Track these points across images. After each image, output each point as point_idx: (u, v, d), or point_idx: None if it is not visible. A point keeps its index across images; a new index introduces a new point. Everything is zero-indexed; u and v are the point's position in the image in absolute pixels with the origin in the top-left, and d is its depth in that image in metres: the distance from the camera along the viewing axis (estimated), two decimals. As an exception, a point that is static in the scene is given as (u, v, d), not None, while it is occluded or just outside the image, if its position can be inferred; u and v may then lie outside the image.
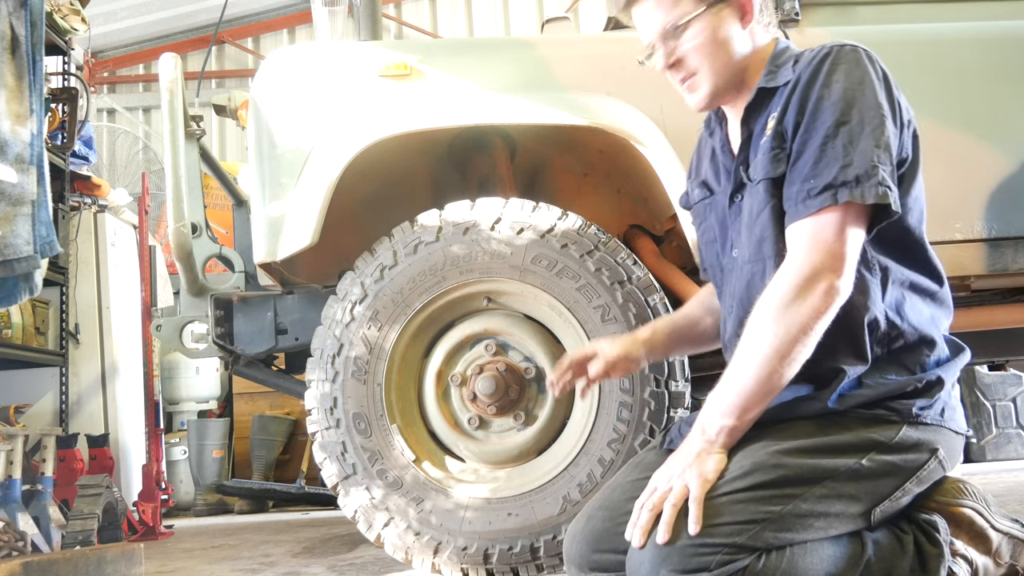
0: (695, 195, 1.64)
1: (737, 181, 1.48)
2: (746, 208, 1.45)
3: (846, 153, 1.30)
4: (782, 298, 1.29)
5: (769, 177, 1.38)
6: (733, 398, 1.30)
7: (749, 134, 1.46)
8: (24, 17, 2.46)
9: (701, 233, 1.63)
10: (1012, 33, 2.36)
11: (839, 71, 1.35)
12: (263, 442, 5.89)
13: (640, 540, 1.24)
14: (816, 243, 1.30)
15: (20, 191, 2.42)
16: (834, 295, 1.28)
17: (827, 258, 1.29)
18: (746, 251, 1.44)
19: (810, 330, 1.28)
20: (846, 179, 1.29)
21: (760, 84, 1.44)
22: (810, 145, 1.33)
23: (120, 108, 8.95)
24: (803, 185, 1.33)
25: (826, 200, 1.30)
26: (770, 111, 1.43)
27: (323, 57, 2.28)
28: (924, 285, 1.41)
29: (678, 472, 1.28)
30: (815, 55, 1.39)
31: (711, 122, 1.61)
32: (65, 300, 4.43)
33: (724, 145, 1.55)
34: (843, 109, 1.32)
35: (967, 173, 2.24)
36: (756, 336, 1.30)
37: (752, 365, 1.29)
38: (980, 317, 2.50)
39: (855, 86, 1.33)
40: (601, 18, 3.15)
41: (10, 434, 3.12)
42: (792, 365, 1.28)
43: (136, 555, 2.49)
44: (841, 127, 1.32)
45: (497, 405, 2.05)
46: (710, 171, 1.59)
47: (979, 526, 1.39)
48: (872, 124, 1.32)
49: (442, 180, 2.60)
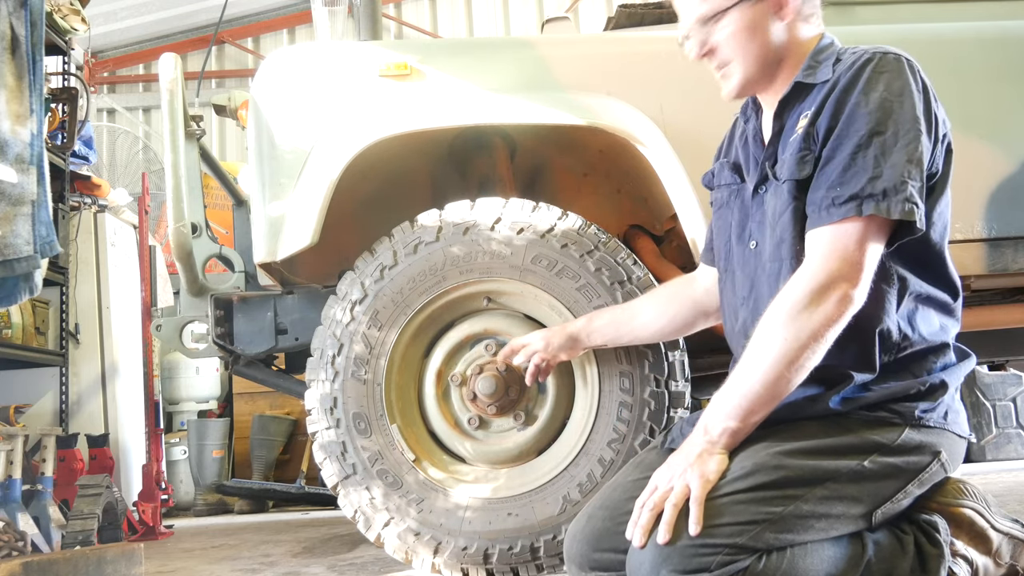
0: (723, 177, 1.62)
1: (762, 174, 1.48)
2: (769, 205, 1.44)
3: (876, 164, 1.29)
4: (795, 303, 1.28)
5: (794, 179, 1.38)
6: (738, 400, 1.30)
7: (781, 128, 1.46)
8: (24, 17, 2.46)
9: (719, 216, 1.62)
10: (1012, 33, 2.36)
11: (880, 80, 1.33)
12: (263, 442, 5.89)
13: (641, 540, 1.24)
14: (835, 251, 1.29)
15: (20, 191, 2.42)
16: (847, 304, 1.27)
17: (844, 267, 1.28)
18: (767, 248, 1.44)
19: (821, 337, 1.27)
20: (873, 191, 1.28)
21: (797, 79, 1.43)
22: (841, 152, 1.32)
23: (120, 108, 8.95)
24: (829, 192, 1.32)
25: (850, 210, 1.29)
26: (803, 107, 1.41)
27: (323, 57, 2.28)
28: (939, 298, 1.41)
29: (679, 472, 1.28)
30: (857, 59, 1.36)
31: (747, 109, 1.60)
32: (65, 300, 4.43)
33: (757, 134, 1.54)
34: (879, 119, 1.31)
35: (967, 173, 2.23)
36: (766, 339, 1.29)
37: (760, 369, 1.28)
38: (980, 317, 2.49)
39: (894, 97, 1.31)
40: (601, 18, 3.14)
41: (10, 434, 3.12)
42: (800, 371, 1.28)
43: (136, 555, 2.49)
44: (875, 137, 1.30)
45: (497, 405, 2.05)
46: (742, 156, 1.58)
47: (979, 526, 1.39)
48: (907, 138, 1.30)
49: (442, 180, 2.59)
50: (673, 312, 1.81)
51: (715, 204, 1.66)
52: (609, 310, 1.92)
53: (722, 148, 1.71)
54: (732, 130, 1.70)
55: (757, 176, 1.49)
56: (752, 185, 1.50)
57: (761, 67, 1.45)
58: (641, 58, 2.24)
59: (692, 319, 1.81)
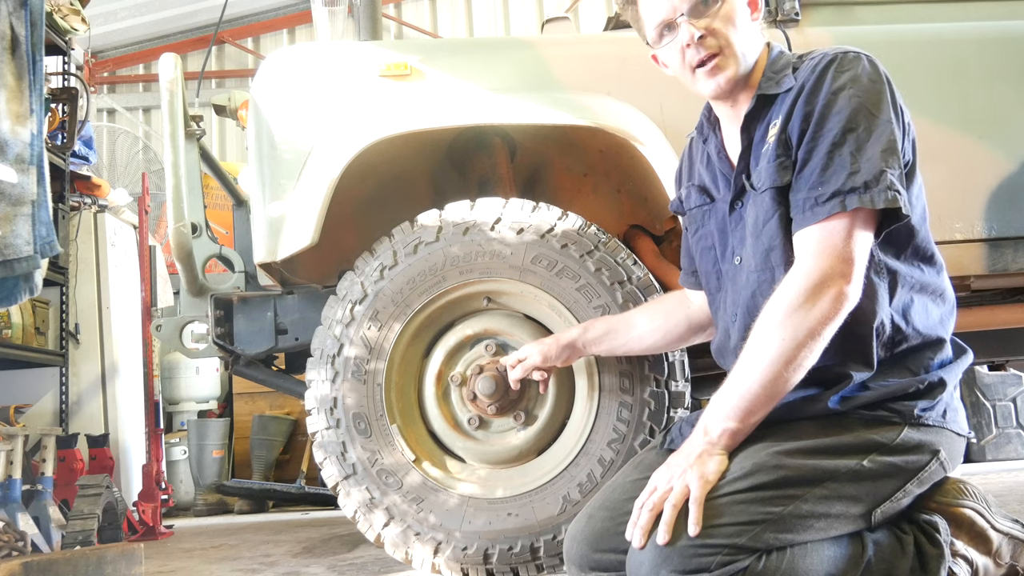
0: (691, 200, 1.63)
1: (738, 188, 1.48)
2: (750, 216, 1.44)
3: (854, 160, 1.30)
4: (790, 303, 1.28)
5: (775, 186, 1.38)
6: (737, 401, 1.30)
7: (749, 141, 1.46)
8: (24, 17, 2.46)
9: (697, 239, 1.62)
10: (1012, 33, 2.36)
11: (843, 77, 1.34)
12: (263, 442, 5.89)
13: (640, 540, 1.24)
14: (825, 249, 1.29)
15: (20, 191, 2.42)
16: (843, 301, 1.27)
17: (837, 263, 1.28)
18: (752, 260, 1.44)
19: (818, 336, 1.27)
20: (854, 185, 1.29)
21: (760, 91, 1.44)
22: (817, 152, 1.33)
23: (120, 108, 8.95)
24: (810, 192, 1.32)
25: (835, 207, 1.29)
26: (770, 118, 1.42)
27: (323, 57, 2.28)
28: (931, 284, 1.41)
29: (679, 472, 1.28)
30: (818, 62, 1.38)
31: (703, 128, 1.60)
32: (65, 300, 4.43)
33: (720, 151, 1.54)
34: (849, 116, 1.32)
35: (967, 173, 2.24)
36: (762, 340, 1.29)
37: (757, 369, 1.28)
38: (980, 317, 2.49)
39: (861, 93, 1.33)
40: (601, 18, 3.14)
41: (10, 434, 3.12)
42: (798, 371, 1.28)
43: (136, 555, 2.49)
44: (848, 133, 1.31)
45: (497, 405, 2.05)
46: (707, 177, 1.58)
47: (979, 526, 1.39)
48: (879, 130, 1.31)
49: (442, 180, 2.59)
50: (668, 328, 1.82)
51: (690, 229, 1.66)
52: (605, 320, 1.92)
53: (682, 172, 1.71)
54: (690, 153, 1.69)
55: (732, 192, 1.49)
56: (728, 201, 1.50)
57: (747, 62, 1.44)
58: (641, 58, 2.23)
59: (687, 335, 1.83)
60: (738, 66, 1.43)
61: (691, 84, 1.47)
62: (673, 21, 1.43)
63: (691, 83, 1.47)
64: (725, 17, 1.42)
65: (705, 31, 1.41)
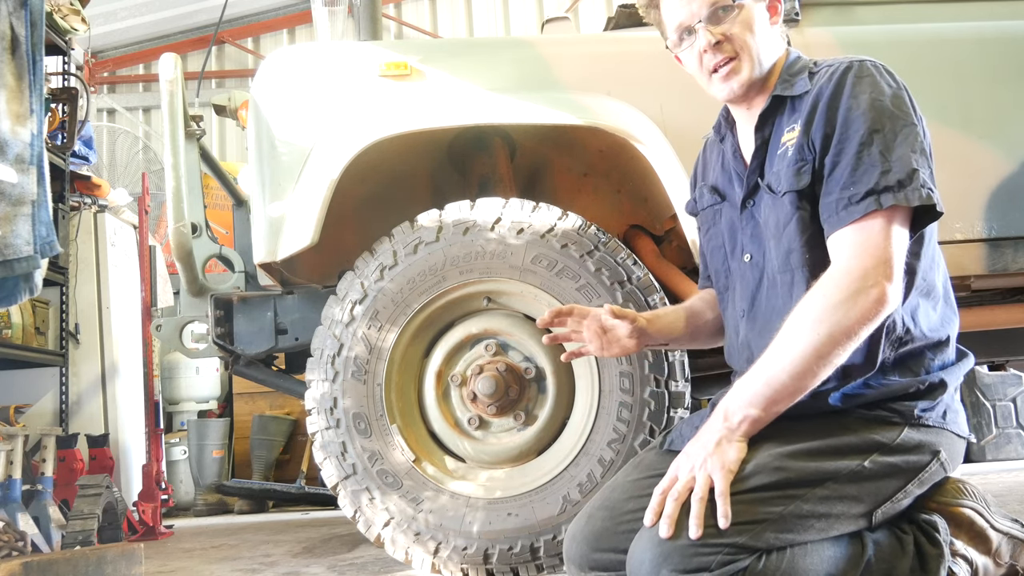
0: (704, 200, 1.63)
1: (750, 186, 1.48)
2: (771, 219, 1.44)
3: (884, 159, 1.30)
4: (830, 299, 1.27)
5: (794, 189, 1.38)
6: (763, 388, 1.29)
7: (764, 141, 1.46)
8: (24, 17, 2.46)
9: (708, 239, 1.62)
10: (1012, 33, 2.36)
11: (864, 83, 1.36)
12: (263, 442, 5.89)
13: (669, 531, 1.22)
14: (865, 248, 1.29)
15: (20, 191, 2.42)
16: (884, 303, 1.26)
17: (878, 263, 1.27)
18: (775, 261, 1.44)
19: (855, 334, 1.26)
20: (888, 184, 1.29)
21: (775, 92, 1.45)
22: (845, 154, 1.33)
23: (120, 108, 8.95)
24: (843, 192, 1.32)
25: (870, 205, 1.29)
26: (785, 120, 1.43)
27: (323, 57, 2.28)
28: (937, 285, 1.42)
29: (700, 462, 1.27)
30: (835, 70, 1.39)
31: (721, 127, 1.60)
32: (65, 300, 4.43)
33: (735, 151, 1.55)
34: (874, 118, 1.33)
35: (967, 173, 2.24)
36: (797, 332, 1.28)
37: (788, 359, 1.27)
38: (980, 317, 2.49)
39: (883, 96, 1.34)
40: (601, 18, 3.14)
41: (10, 434, 3.12)
42: (828, 368, 1.27)
43: (136, 555, 2.49)
44: (875, 134, 1.32)
45: (497, 405, 2.05)
46: (721, 177, 1.58)
47: (979, 526, 1.39)
48: (905, 131, 1.32)
49: (442, 180, 2.60)
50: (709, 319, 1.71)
51: (702, 228, 1.66)
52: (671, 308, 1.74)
53: (697, 173, 1.70)
54: (704, 154, 1.69)
55: (744, 190, 1.49)
56: (740, 199, 1.50)
57: (763, 67, 1.45)
58: (641, 58, 2.24)
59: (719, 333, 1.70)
60: (752, 71, 1.44)
61: (707, 87, 1.49)
62: (692, 26, 1.45)
63: (707, 86, 1.49)
64: (743, 23, 1.43)
65: (722, 37, 1.43)
